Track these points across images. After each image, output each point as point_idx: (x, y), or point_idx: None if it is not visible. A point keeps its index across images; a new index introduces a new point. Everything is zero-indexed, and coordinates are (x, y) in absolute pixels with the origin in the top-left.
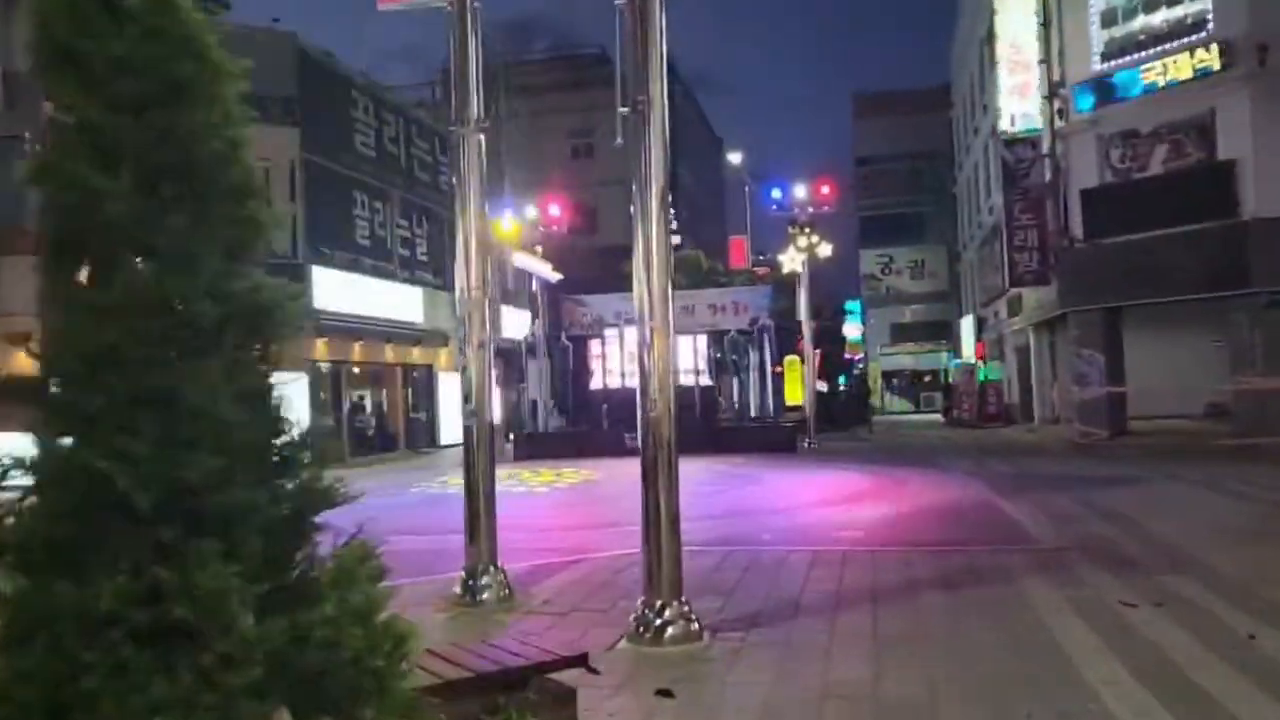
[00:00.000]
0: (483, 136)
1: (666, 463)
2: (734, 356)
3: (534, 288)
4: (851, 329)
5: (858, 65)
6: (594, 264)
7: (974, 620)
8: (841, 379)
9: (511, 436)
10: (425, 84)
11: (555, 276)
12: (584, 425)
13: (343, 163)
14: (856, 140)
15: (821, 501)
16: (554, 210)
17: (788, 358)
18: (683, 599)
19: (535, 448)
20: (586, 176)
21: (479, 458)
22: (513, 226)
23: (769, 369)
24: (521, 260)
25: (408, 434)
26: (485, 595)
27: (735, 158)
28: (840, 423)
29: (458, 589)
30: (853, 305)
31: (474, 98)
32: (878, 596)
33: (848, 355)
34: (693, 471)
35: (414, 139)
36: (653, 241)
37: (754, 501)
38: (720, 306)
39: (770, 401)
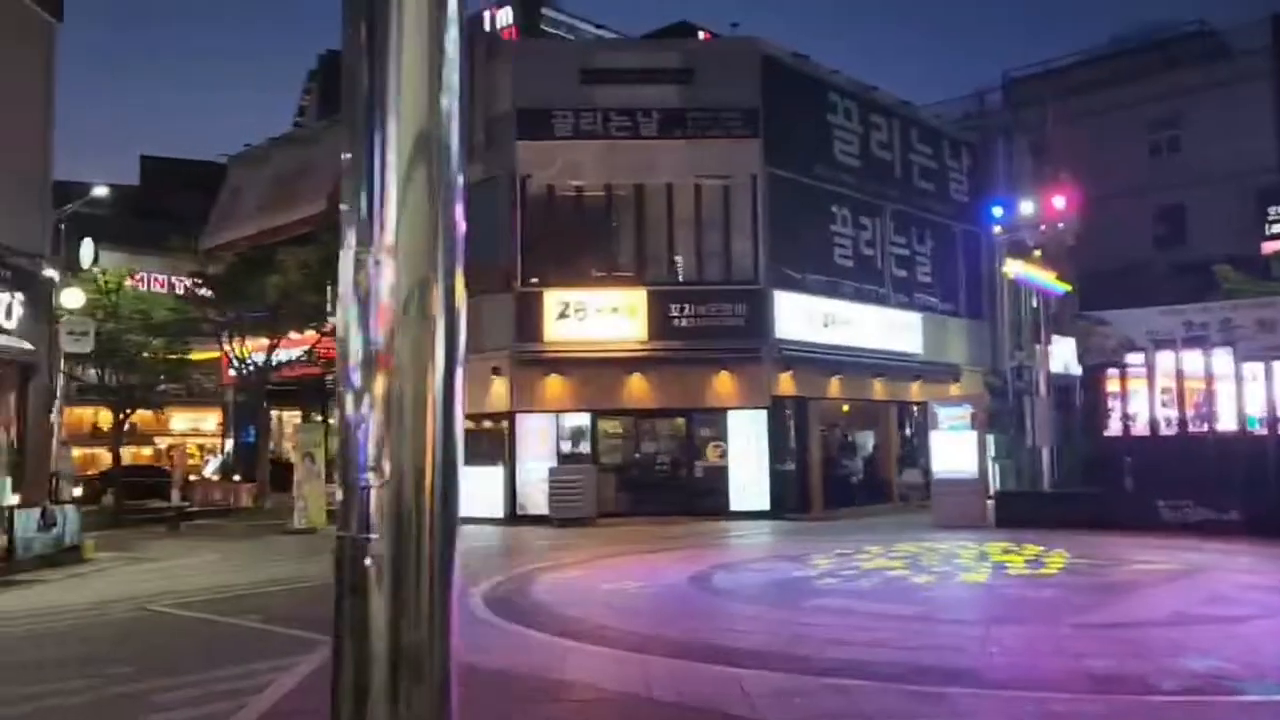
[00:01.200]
0: None
1: (435, 595)
2: None
3: (1034, 304)
4: None
5: None
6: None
7: None
8: None
9: (992, 496)
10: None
11: (1061, 289)
12: (1098, 485)
13: (817, 175)
14: None
15: None
16: (1058, 203)
17: None
18: None
19: (1024, 512)
20: (1170, 177)
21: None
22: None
23: None
24: (1016, 269)
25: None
26: None
27: None
28: None
29: None
30: None
31: None
32: None
33: None
34: (1234, 567)
35: (913, 144)
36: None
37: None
38: None
39: None
